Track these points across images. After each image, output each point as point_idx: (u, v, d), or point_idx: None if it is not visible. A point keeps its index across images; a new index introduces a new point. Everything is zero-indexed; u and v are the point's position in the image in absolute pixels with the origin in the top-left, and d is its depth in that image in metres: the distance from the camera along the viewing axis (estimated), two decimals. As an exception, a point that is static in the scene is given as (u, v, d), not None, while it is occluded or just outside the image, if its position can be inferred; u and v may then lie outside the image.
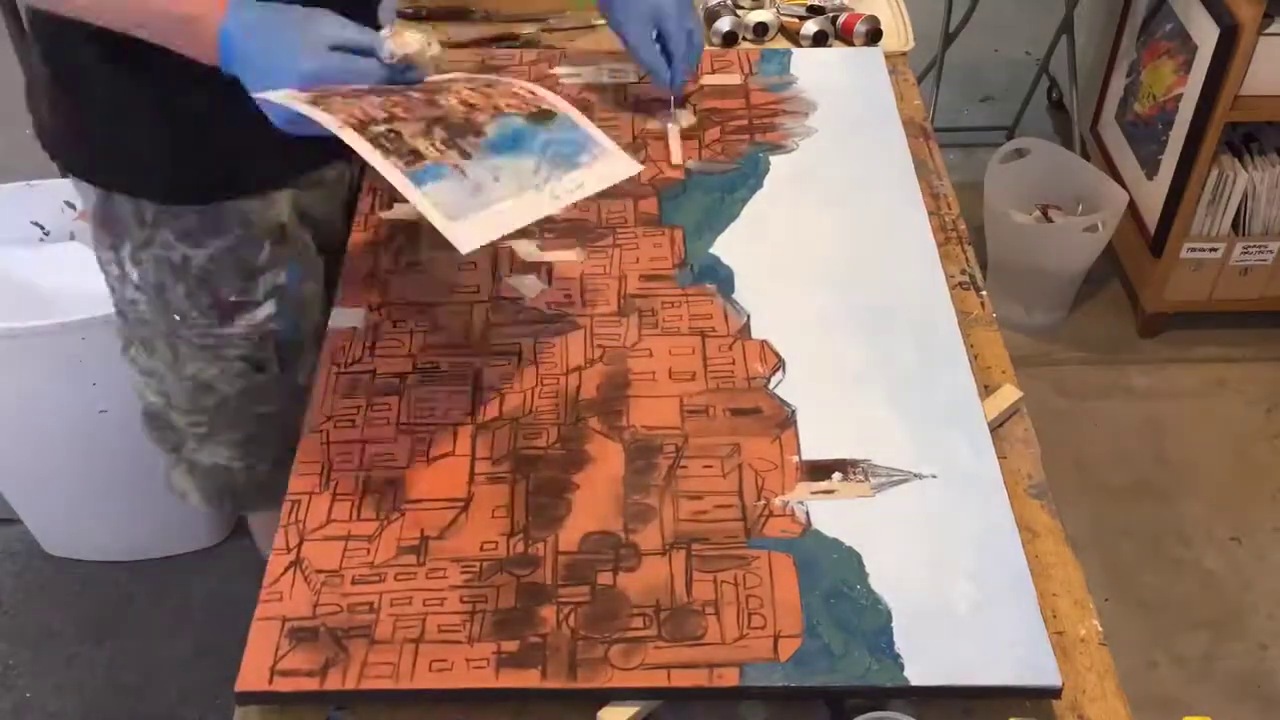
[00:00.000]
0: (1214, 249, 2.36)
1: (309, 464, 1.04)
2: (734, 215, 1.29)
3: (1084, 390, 2.42)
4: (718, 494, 1.01)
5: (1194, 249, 2.36)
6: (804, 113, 1.44)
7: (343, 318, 1.18)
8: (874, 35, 1.59)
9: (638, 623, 0.91)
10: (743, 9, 1.61)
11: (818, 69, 1.51)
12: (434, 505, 1.01)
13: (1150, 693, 1.90)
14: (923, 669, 0.88)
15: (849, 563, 0.95)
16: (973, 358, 1.16)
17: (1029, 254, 2.41)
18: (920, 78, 2.23)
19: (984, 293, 1.25)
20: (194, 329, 1.25)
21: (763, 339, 1.15)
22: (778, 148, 1.39)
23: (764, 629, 0.91)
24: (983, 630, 0.91)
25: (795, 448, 1.05)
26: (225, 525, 2.07)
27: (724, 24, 1.57)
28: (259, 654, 0.90)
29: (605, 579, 0.95)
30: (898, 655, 0.89)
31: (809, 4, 1.61)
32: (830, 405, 1.09)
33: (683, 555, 0.96)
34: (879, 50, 1.57)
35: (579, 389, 1.10)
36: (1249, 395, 2.41)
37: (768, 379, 1.11)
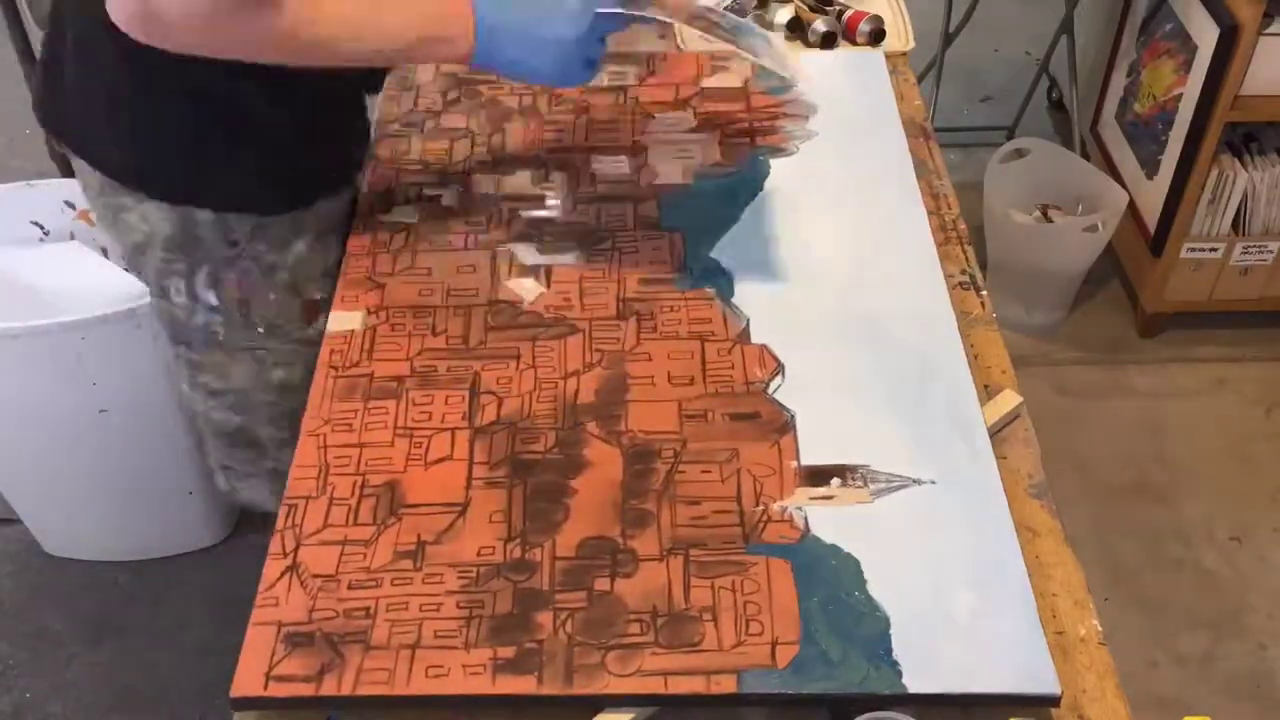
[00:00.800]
0: (1214, 249, 2.36)
1: (305, 468, 1.04)
2: (734, 219, 1.29)
3: (1084, 390, 2.42)
4: (716, 499, 1.01)
5: (1194, 249, 2.36)
6: (804, 116, 1.44)
7: (341, 320, 1.18)
8: (878, 35, 1.59)
9: (635, 629, 0.91)
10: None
11: (819, 72, 1.51)
12: (431, 510, 1.00)
13: (1150, 693, 1.90)
14: (921, 676, 0.88)
15: (847, 569, 0.95)
16: (973, 358, 1.15)
17: (1029, 254, 2.41)
18: (920, 78, 2.23)
19: (984, 293, 1.25)
20: (278, 336, 1.27)
21: (762, 343, 1.15)
22: (778, 151, 1.38)
23: (762, 635, 0.91)
24: (982, 637, 0.91)
25: (794, 453, 1.05)
26: (226, 525, 2.07)
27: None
28: (254, 659, 0.90)
29: (602, 585, 0.94)
30: (896, 662, 0.89)
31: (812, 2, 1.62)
32: (829, 410, 1.09)
33: (680, 561, 0.96)
34: (880, 52, 1.56)
35: (577, 393, 1.10)
36: (1249, 395, 2.40)
37: (767, 383, 1.11)
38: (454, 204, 1.31)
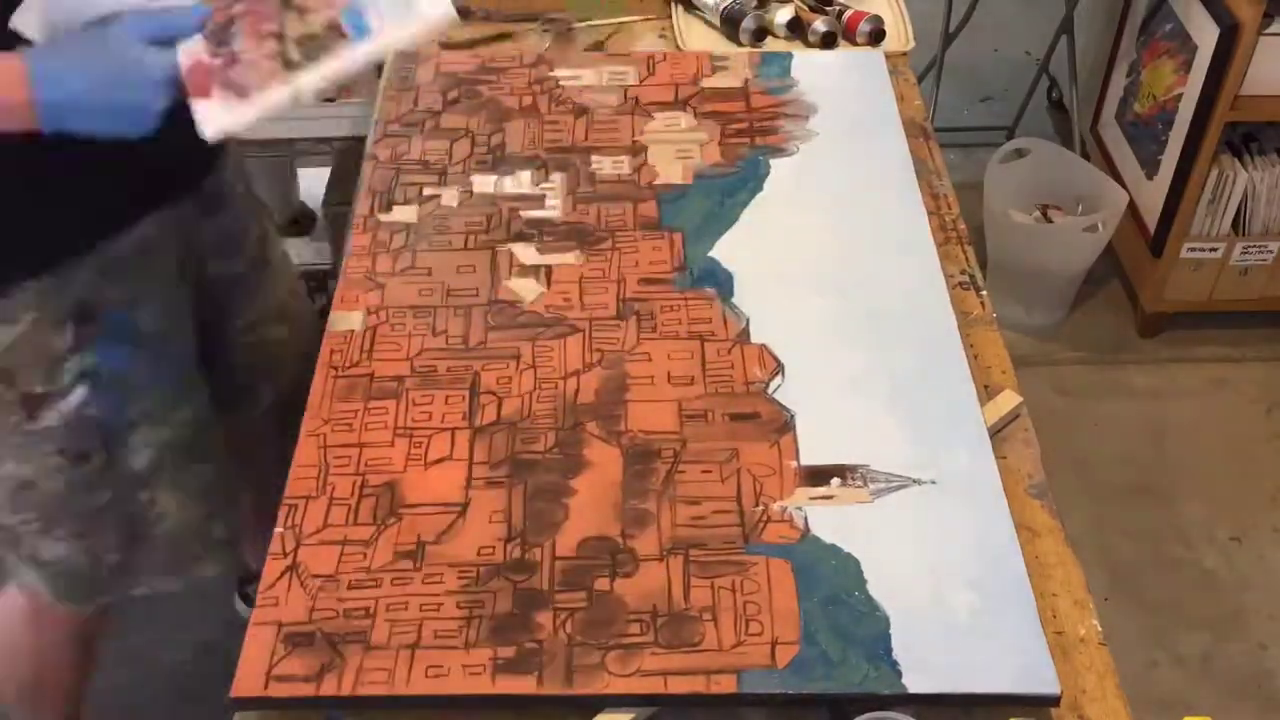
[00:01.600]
0: (1214, 249, 2.36)
1: (306, 468, 1.04)
2: (734, 219, 1.29)
3: (1084, 390, 2.42)
4: (716, 499, 1.01)
5: (1194, 249, 2.36)
6: (804, 116, 1.44)
7: (341, 320, 1.18)
8: (878, 35, 1.59)
9: (635, 629, 0.91)
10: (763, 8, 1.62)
11: (818, 72, 1.51)
12: (431, 510, 1.00)
13: (1150, 693, 1.89)
14: (921, 676, 0.88)
15: (847, 569, 0.95)
16: (973, 358, 1.16)
17: (1029, 254, 2.41)
18: (920, 78, 2.23)
19: (984, 293, 1.25)
20: (2, 426, 1.12)
21: (762, 343, 1.15)
22: (778, 151, 1.38)
23: (762, 635, 0.91)
24: (982, 637, 0.91)
25: (794, 453, 1.05)
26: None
27: (750, 22, 1.58)
28: (255, 659, 0.90)
29: (602, 585, 0.94)
30: (895, 662, 0.89)
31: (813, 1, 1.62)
32: (829, 410, 1.09)
33: (680, 561, 0.96)
34: (879, 53, 1.56)
35: (577, 393, 1.10)
36: (1249, 395, 2.40)
37: (766, 383, 1.11)
38: (454, 204, 1.31)
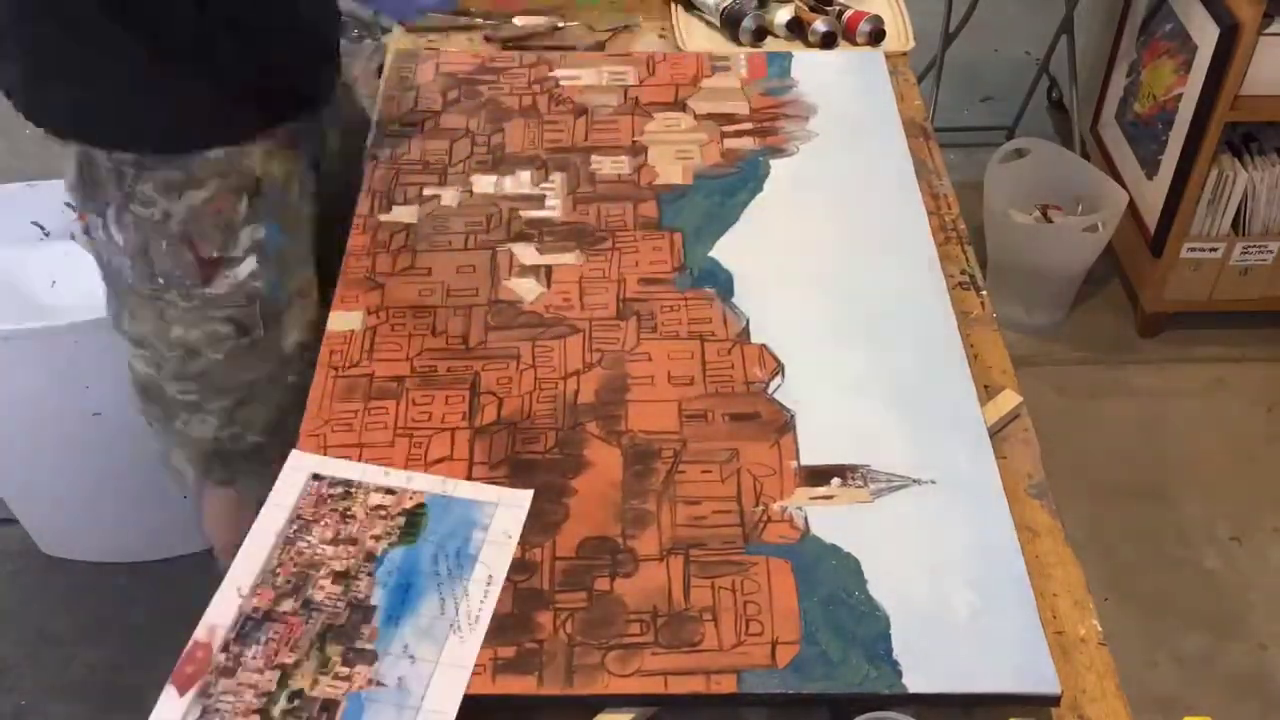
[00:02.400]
0: (1214, 249, 2.36)
1: (306, 469, 1.04)
2: (734, 219, 1.29)
3: (1084, 390, 2.42)
4: (716, 499, 1.01)
5: (1194, 249, 2.36)
6: (804, 116, 1.44)
7: (340, 320, 1.18)
8: (877, 35, 1.59)
9: (635, 629, 0.91)
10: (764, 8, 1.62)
11: (818, 72, 1.51)
12: (432, 510, 1.00)
13: (1150, 693, 1.90)
14: (921, 676, 0.88)
15: (847, 569, 0.95)
16: (973, 358, 1.15)
17: (1029, 254, 2.41)
18: (920, 78, 2.23)
19: (984, 293, 1.25)
20: (177, 290, 1.23)
21: (762, 343, 1.15)
22: (778, 151, 1.38)
23: (762, 635, 0.91)
24: (982, 637, 0.91)
25: (794, 453, 1.05)
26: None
27: (750, 22, 1.58)
28: (256, 660, 0.90)
29: (602, 585, 0.94)
30: (896, 662, 0.89)
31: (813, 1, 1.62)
32: (829, 410, 1.09)
33: (680, 561, 0.96)
34: (880, 53, 1.56)
35: (577, 393, 1.10)
36: (1249, 395, 2.40)
37: (766, 383, 1.11)
38: (454, 204, 1.31)
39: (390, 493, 1.01)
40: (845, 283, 1.22)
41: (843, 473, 1.03)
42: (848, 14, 1.60)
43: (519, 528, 0.98)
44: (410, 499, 1.01)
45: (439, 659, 0.89)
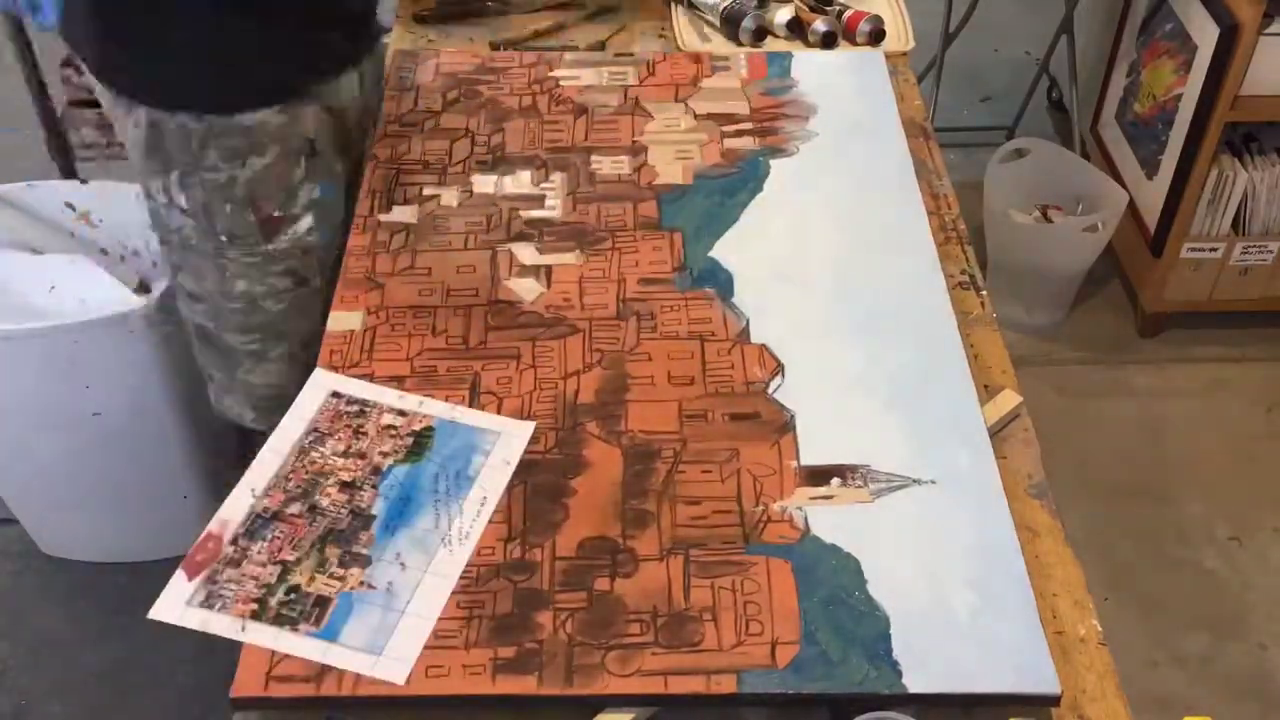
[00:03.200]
0: (1214, 249, 2.36)
1: (306, 468, 1.04)
2: (734, 219, 1.29)
3: (1084, 390, 2.42)
4: (716, 499, 1.01)
5: (1194, 249, 2.36)
6: (804, 116, 1.44)
7: (340, 320, 1.18)
8: (877, 35, 1.59)
9: (635, 629, 0.91)
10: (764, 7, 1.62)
11: (818, 72, 1.51)
12: (431, 510, 1.00)
13: (1150, 693, 1.90)
14: (921, 676, 0.88)
15: (847, 569, 0.95)
16: (973, 358, 1.15)
17: (1029, 254, 2.41)
18: (920, 78, 2.23)
19: (984, 292, 1.25)
20: (240, 247, 1.32)
21: (762, 343, 1.15)
22: (778, 151, 1.38)
23: (762, 635, 0.91)
24: (982, 637, 0.91)
25: (794, 453, 1.05)
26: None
27: (750, 22, 1.58)
28: (254, 659, 0.90)
29: (602, 585, 0.94)
30: (896, 662, 0.89)
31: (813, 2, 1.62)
32: (829, 410, 1.09)
33: (680, 561, 0.96)
34: (880, 53, 1.56)
35: (577, 393, 1.10)
36: (1249, 395, 2.40)
37: (767, 383, 1.11)
38: (454, 204, 1.31)
39: (402, 414, 1.07)
40: (845, 282, 1.22)
41: (843, 473, 1.03)
42: (848, 14, 1.60)
43: (518, 456, 1.04)
44: (420, 421, 1.07)
45: (428, 568, 0.95)
